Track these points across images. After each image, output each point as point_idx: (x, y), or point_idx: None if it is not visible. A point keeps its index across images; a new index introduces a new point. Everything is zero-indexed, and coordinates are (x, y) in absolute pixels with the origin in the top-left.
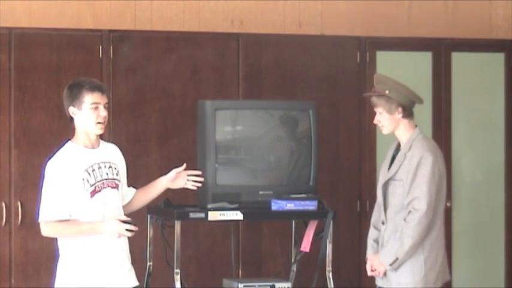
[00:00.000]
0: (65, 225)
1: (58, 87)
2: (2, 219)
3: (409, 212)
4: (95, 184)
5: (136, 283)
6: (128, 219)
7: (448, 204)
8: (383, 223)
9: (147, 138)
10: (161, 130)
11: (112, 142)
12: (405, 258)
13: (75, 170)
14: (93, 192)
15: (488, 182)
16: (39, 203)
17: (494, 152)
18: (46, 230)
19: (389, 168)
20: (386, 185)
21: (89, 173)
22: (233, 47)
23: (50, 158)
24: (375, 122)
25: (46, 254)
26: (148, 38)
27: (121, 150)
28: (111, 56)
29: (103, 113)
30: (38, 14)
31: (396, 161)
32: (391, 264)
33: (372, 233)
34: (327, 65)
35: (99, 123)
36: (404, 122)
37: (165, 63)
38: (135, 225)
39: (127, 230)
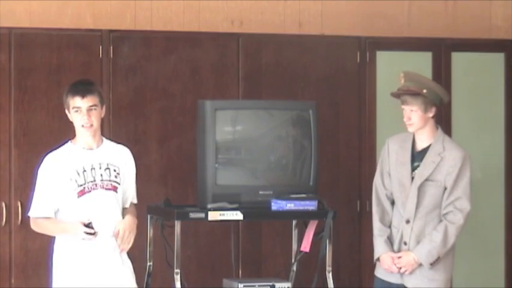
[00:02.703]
0: (46, 223)
1: (58, 87)
2: (2, 219)
3: (450, 212)
4: (83, 185)
5: (134, 285)
6: (90, 222)
7: None
8: (408, 222)
9: (147, 138)
10: (161, 130)
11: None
12: (443, 257)
13: (64, 170)
14: (81, 193)
15: (488, 182)
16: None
17: (494, 152)
18: (32, 225)
19: (413, 167)
20: (415, 185)
21: (78, 174)
22: (233, 47)
23: (46, 155)
24: (406, 119)
25: (46, 254)
26: (148, 38)
27: None
28: (111, 56)
29: (84, 116)
30: (38, 14)
31: (429, 162)
32: (431, 264)
33: (385, 231)
34: (327, 65)
35: (83, 126)
36: (431, 122)
37: (165, 63)
38: (93, 228)
39: (86, 233)
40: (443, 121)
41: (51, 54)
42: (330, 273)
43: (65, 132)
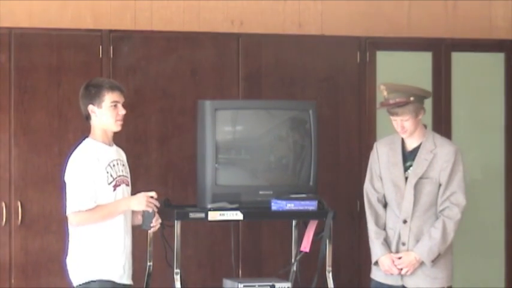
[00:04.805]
0: (92, 212)
1: (58, 87)
2: (2, 219)
3: (447, 207)
4: (115, 178)
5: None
6: (155, 194)
7: None
8: (405, 222)
9: (147, 138)
10: (161, 130)
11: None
12: (443, 253)
13: (100, 163)
14: (115, 186)
15: (488, 182)
16: (65, 196)
17: (494, 152)
18: (75, 221)
19: (405, 167)
20: (411, 184)
21: (111, 167)
22: (233, 47)
23: (71, 154)
24: (400, 129)
25: (46, 254)
26: (148, 38)
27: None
28: (111, 56)
29: (122, 111)
30: (38, 14)
31: (422, 160)
32: (433, 261)
33: (381, 233)
34: (327, 65)
35: (118, 120)
36: (420, 122)
37: (165, 63)
38: (157, 199)
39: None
40: (443, 121)
41: (51, 54)
42: (330, 273)
43: (64, 132)
